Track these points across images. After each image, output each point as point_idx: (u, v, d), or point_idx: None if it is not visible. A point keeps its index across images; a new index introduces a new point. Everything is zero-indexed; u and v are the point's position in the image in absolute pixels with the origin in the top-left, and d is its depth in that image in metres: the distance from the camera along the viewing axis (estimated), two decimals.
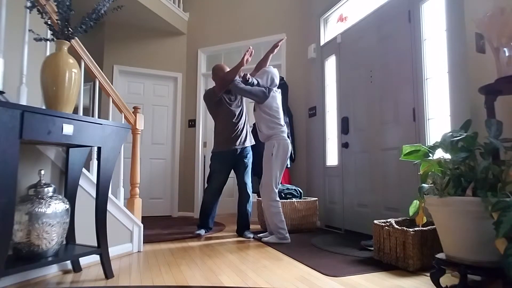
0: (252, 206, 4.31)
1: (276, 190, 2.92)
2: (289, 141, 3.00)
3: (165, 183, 4.95)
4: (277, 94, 3.08)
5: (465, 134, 1.56)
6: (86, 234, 2.12)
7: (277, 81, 3.08)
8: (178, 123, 5.06)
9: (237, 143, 3.22)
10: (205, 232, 3.29)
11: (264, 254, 2.46)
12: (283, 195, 3.47)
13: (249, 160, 3.31)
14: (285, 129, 3.02)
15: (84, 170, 2.12)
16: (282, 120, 3.02)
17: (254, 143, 3.40)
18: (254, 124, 3.21)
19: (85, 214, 2.13)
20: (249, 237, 3.09)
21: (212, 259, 2.29)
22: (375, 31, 3.04)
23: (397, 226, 2.05)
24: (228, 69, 3.24)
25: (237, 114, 3.26)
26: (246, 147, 3.29)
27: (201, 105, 5.00)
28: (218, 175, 3.25)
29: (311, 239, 2.99)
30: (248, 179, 3.29)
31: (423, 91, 2.50)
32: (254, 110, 3.07)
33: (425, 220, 1.80)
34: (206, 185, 3.37)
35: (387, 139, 2.85)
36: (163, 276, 1.90)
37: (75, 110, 1.96)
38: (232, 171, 3.33)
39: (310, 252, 2.47)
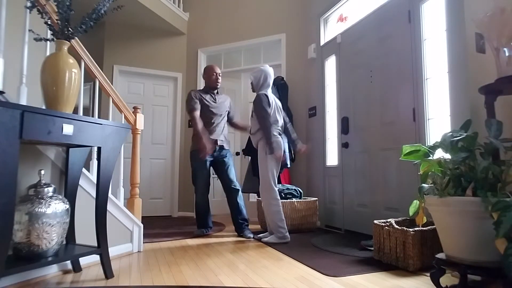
0: (253, 206, 4.32)
1: (276, 188, 2.92)
2: (280, 138, 2.97)
3: (165, 183, 4.95)
4: (270, 95, 3.04)
5: (465, 134, 1.56)
6: (86, 234, 2.12)
7: (270, 81, 3.05)
8: (178, 123, 5.06)
9: (217, 142, 3.26)
10: (205, 232, 3.30)
11: (264, 254, 2.46)
12: (283, 195, 3.47)
13: (229, 159, 3.34)
14: (276, 127, 2.98)
15: (84, 170, 2.12)
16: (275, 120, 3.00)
17: (229, 148, 3.42)
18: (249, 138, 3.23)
19: (85, 214, 2.13)
20: (249, 237, 3.09)
21: (212, 259, 2.29)
22: (375, 31, 3.04)
23: (397, 226, 2.05)
24: (218, 70, 3.36)
25: (217, 115, 3.31)
26: (224, 148, 3.32)
27: None
28: (202, 173, 3.23)
29: (311, 239, 2.99)
30: (233, 176, 3.30)
31: (423, 91, 2.50)
32: (252, 116, 3.06)
33: (425, 220, 1.80)
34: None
35: (387, 139, 2.85)
36: (163, 276, 1.90)
37: (75, 110, 1.96)
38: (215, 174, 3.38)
39: (310, 252, 2.47)
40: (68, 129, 1.63)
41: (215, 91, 3.41)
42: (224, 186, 3.28)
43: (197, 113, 3.17)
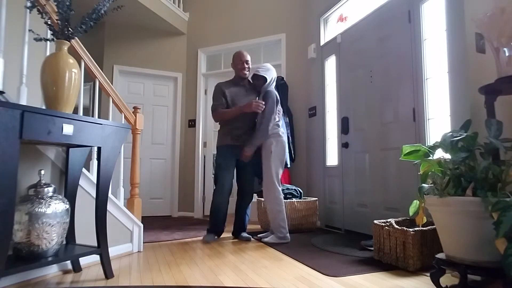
0: (253, 207, 4.32)
1: (279, 188, 2.92)
2: (285, 139, 3.02)
3: (165, 183, 4.95)
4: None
5: (465, 134, 1.56)
6: (86, 234, 2.12)
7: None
8: (178, 123, 5.06)
9: (243, 139, 2.97)
10: (216, 238, 3.02)
11: (264, 254, 2.46)
12: (283, 195, 3.47)
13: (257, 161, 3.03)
14: (284, 130, 3.05)
15: (84, 170, 2.12)
16: (280, 122, 3.04)
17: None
18: None
19: (85, 214, 2.13)
20: (246, 237, 2.96)
21: (212, 259, 2.29)
22: (375, 31, 3.04)
23: (397, 226, 2.05)
24: (247, 57, 3.10)
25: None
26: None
27: (201, 105, 5.01)
28: (227, 171, 2.94)
29: (311, 239, 2.99)
30: (254, 182, 3.13)
31: (423, 91, 2.50)
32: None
33: (425, 220, 1.80)
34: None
35: (387, 139, 2.85)
36: (163, 276, 1.90)
37: (75, 110, 1.96)
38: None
39: (310, 252, 2.47)
40: (68, 129, 1.63)
41: (245, 81, 3.11)
42: (243, 189, 3.08)
43: (221, 109, 2.96)
